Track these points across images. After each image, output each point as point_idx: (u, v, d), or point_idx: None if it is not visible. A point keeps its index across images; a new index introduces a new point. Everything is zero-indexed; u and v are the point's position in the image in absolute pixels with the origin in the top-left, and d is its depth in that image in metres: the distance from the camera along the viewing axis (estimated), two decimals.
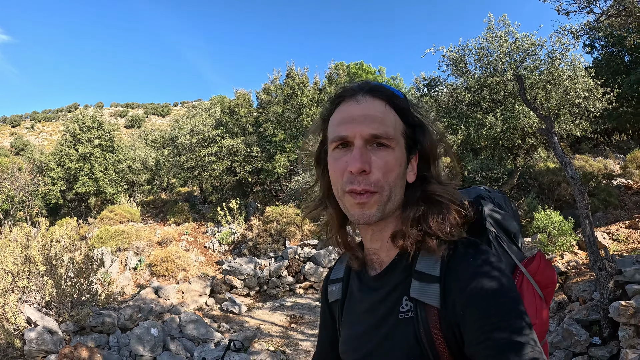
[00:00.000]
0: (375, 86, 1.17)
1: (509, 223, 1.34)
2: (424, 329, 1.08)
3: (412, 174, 1.17)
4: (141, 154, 26.49)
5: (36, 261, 7.36)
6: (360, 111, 1.12)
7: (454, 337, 1.06)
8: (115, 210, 19.65)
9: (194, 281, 10.19)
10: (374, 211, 1.11)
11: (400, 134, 1.14)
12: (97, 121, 23.34)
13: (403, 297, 1.15)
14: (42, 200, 22.94)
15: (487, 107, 13.89)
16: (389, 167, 1.10)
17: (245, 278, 10.54)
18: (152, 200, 25.49)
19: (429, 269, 1.12)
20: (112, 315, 7.66)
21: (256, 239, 13.34)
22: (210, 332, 7.72)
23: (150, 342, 6.77)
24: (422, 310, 1.10)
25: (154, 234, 17.42)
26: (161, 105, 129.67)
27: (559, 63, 12.80)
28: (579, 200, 7.12)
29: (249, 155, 19.82)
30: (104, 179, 22.33)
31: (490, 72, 13.59)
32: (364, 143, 1.10)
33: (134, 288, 12.62)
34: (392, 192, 1.12)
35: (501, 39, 13.14)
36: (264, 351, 6.88)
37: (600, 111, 13.36)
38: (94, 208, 23.83)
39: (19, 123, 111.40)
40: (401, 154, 1.13)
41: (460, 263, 1.09)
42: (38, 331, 6.55)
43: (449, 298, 1.07)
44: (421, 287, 1.11)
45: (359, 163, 1.07)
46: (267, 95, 20.12)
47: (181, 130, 21.35)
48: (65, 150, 22.20)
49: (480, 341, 0.97)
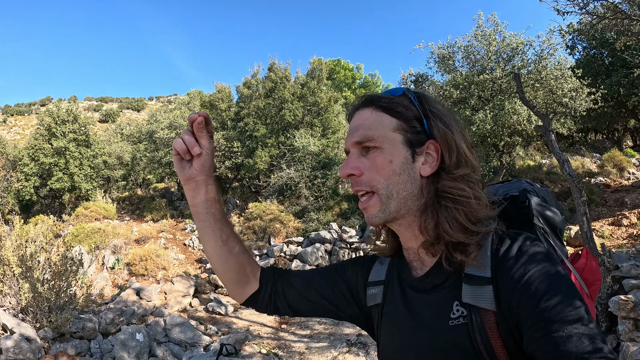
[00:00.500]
0: (364, 97, 1.23)
1: (555, 218, 1.31)
2: (480, 335, 1.04)
3: (428, 167, 1.14)
4: (117, 148, 25.94)
5: (10, 263, 6.98)
6: (352, 124, 1.21)
7: (512, 338, 1.02)
8: (91, 207, 19.16)
9: (176, 281, 9.86)
10: (375, 212, 1.14)
11: (389, 131, 1.14)
12: (73, 114, 22.74)
13: (454, 303, 1.10)
14: (14, 197, 22.29)
15: (475, 104, 13.98)
16: (377, 166, 1.13)
17: None
18: (127, 197, 25.00)
19: (479, 270, 1.08)
20: (93, 320, 7.32)
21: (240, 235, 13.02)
22: (197, 335, 7.43)
23: (136, 348, 6.46)
24: (476, 316, 1.05)
25: (131, 232, 17.02)
26: (136, 100, 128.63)
27: (547, 63, 13.03)
28: (577, 197, 7.29)
29: (229, 151, 19.45)
30: (79, 175, 21.72)
31: (478, 70, 13.80)
32: (356, 151, 1.18)
33: (112, 289, 12.25)
34: (390, 190, 1.12)
35: (490, 37, 13.32)
36: (256, 354, 6.63)
37: (585, 111, 13.68)
38: (68, 205, 23.26)
39: None
40: (394, 150, 1.13)
41: (508, 259, 1.05)
42: (15, 339, 6.18)
43: (504, 298, 1.02)
44: (474, 291, 1.07)
45: (343, 168, 1.17)
46: (247, 89, 19.86)
47: (159, 125, 20.92)
48: (40, 145, 21.53)
49: (538, 338, 0.92)
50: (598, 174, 16.88)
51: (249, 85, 20.03)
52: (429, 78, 15.68)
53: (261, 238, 12.64)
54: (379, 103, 1.17)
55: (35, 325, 7.01)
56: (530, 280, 0.98)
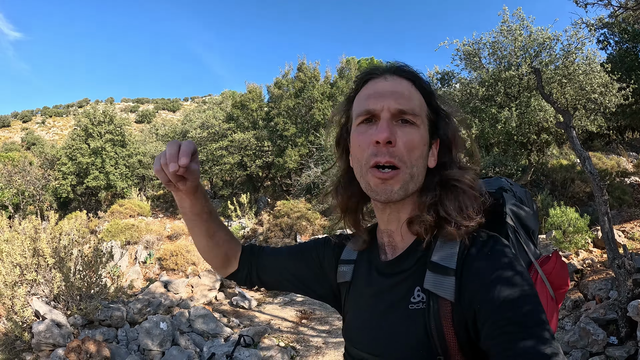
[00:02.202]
0: (404, 66, 1.20)
1: (529, 219, 1.33)
2: (435, 322, 1.06)
3: (433, 159, 1.18)
4: (152, 148, 26.42)
5: (45, 254, 7.29)
6: (388, 87, 1.14)
7: (465, 331, 1.04)
8: (125, 204, 19.63)
9: (203, 275, 10.09)
10: (397, 188, 1.11)
11: (425, 116, 1.15)
12: (109, 115, 23.33)
13: (415, 288, 1.13)
14: (52, 195, 22.96)
15: (502, 101, 13.72)
16: (414, 144, 1.11)
17: None
18: (162, 195, 25.45)
19: (445, 260, 1.10)
20: (121, 309, 7.58)
21: (267, 233, 13.21)
22: (219, 326, 7.62)
23: (159, 337, 6.68)
24: (434, 303, 1.08)
25: (163, 228, 17.39)
26: (171, 101, 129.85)
27: (575, 57, 12.63)
28: (598, 196, 7.02)
29: (260, 150, 19.66)
30: (115, 173, 22.31)
31: (504, 66, 13.44)
32: (390, 117, 1.11)
33: (143, 282, 12.59)
34: (414, 170, 1.12)
35: (516, 32, 12.95)
36: (274, 347, 6.78)
37: (615, 107, 13.20)
38: (104, 202, 23.85)
39: (30, 118, 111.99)
40: (425, 134, 1.14)
41: (479, 257, 1.07)
42: (46, 324, 6.48)
43: (466, 293, 1.04)
44: (436, 279, 1.09)
45: (386, 132, 1.08)
46: (278, 89, 19.99)
47: (192, 124, 21.26)
48: (77, 145, 22.22)
49: (495, 337, 0.95)
50: (634, 174, 16.19)
51: (279, 85, 20.14)
52: (455, 75, 15.31)
53: (287, 235, 12.75)
54: (421, 84, 1.18)
55: (66, 313, 7.32)
56: (495, 281, 1.00)
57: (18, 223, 8.04)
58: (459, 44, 13.89)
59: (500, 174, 14.15)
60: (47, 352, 6.53)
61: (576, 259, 9.32)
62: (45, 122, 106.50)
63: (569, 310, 7.82)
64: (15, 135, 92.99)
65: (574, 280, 8.82)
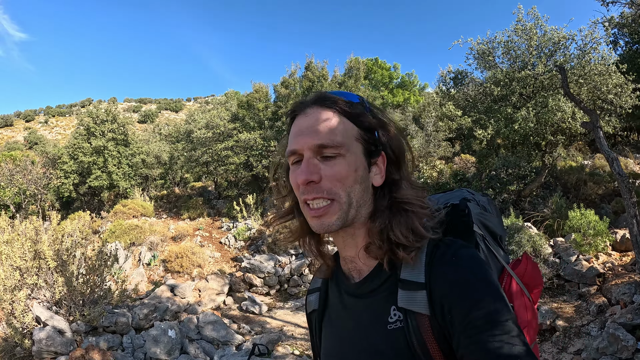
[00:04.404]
0: (324, 96, 1.16)
1: (495, 225, 1.36)
2: (416, 339, 1.05)
3: (379, 177, 1.15)
4: (155, 148, 26.21)
5: (46, 257, 7.00)
6: (307, 123, 1.12)
7: (447, 343, 1.02)
8: (129, 204, 19.36)
9: (211, 279, 9.80)
10: (333, 220, 1.10)
11: (353, 140, 1.11)
12: (111, 114, 23.09)
13: (391, 307, 1.11)
14: (54, 194, 22.73)
15: (517, 101, 13.67)
16: (340, 175, 1.08)
17: (266, 276, 10.16)
18: (165, 195, 25.19)
19: (413, 276, 1.09)
20: (126, 315, 7.28)
21: (275, 235, 12.96)
22: (230, 333, 7.32)
23: (168, 345, 6.38)
24: (412, 320, 1.06)
25: (167, 229, 17.11)
26: (174, 101, 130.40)
27: (590, 58, 12.54)
28: (627, 197, 6.99)
29: (266, 150, 19.35)
30: (118, 173, 22.04)
31: (518, 66, 13.37)
32: (312, 154, 1.09)
33: (147, 284, 12.29)
34: (351, 199, 1.10)
35: (531, 31, 12.87)
36: (289, 355, 6.50)
37: (631, 108, 13.15)
38: (107, 202, 23.61)
39: (33, 118, 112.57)
40: (355, 159, 1.11)
41: (442, 265, 1.06)
42: (47, 331, 6.20)
43: (437, 303, 1.03)
44: (408, 296, 1.08)
45: (304, 174, 1.08)
46: (285, 88, 19.67)
47: (196, 124, 21.00)
48: (79, 144, 21.94)
49: (467, 344, 0.94)
50: None
51: (286, 85, 19.84)
52: (469, 75, 15.34)
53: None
54: (343, 107, 1.12)
55: (69, 319, 7.02)
56: (461, 287, 1.00)
57: (19, 223, 7.75)
58: (473, 43, 13.82)
59: (513, 175, 14.03)
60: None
61: (596, 263, 9.20)
62: (48, 121, 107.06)
63: (593, 315, 7.83)
64: (18, 134, 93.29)
65: (597, 284, 8.67)
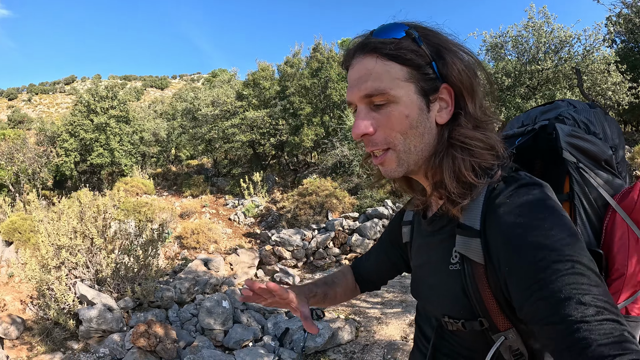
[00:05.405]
0: (364, 42, 1.08)
1: (596, 147, 1.17)
2: (471, 285, 1.03)
3: (445, 113, 1.07)
4: (153, 125, 26.02)
5: (92, 234, 7.04)
6: (353, 75, 1.09)
7: (504, 295, 0.99)
8: (130, 182, 19.25)
9: (242, 252, 9.94)
10: (394, 167, 1.09)
11: (402, 81, 1.03)
12: (112, 91, 22.78)
13: (453, 248, 1.10)
14: (54, 172, 22.37)
15: (525, 92, 14.36)
16: (394, 122, 1.04)
17: (294, 249, 10.34)
18: (161, 173, 25.11)
19: (470, 220, 1.04)
20: (171, 289, 7.39)
21: (295, 210, 13.09)
22: None
23: (222, 315, 6.51)
24: (468, 266, 1.04)
25: (172, 206, 17.12)
26: (159, 78, 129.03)
27: (593, 57, 13.31)
28: None
29: (274, 128, 19.38)
30: (119, 150, 21.83)
31: (526, 60, 14.10)
32: (364, 106, 1.07)
33: (164, 260, 12.37)
34: (408, 144, 1.06)
35: (540, 29, 13.58)
36: (337, 319, 6.67)
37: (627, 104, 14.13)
38: (105, 180, 23.38)
39: (16, 96, 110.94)
40: (409, 102, 1.04)
41: (496, 210, 0.99)
42: (98, 309, 6.25)
43: (492, 253, 0.98)
44: (464, 242, 1.05)
45: (357, 129, 1.07)
46: (290, 68, 19.64)
47: (201, 102, 20.87)
48: (79, 121, 21.61)
49: (532, 302, 0.85)
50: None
51: (291, 64, 19.77)
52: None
53: (318, 213, 12.64)
54: (384, 50, 1.04)
55: (113, 296, 7.08)
56: (518, 235, 0.91)
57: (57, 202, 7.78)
58: (486, 36, 14.64)
59: None
60: (97, 339, 6.29)
61: None
62: (31, 99, 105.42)
63: None
64: (1, 113, 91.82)
65: None
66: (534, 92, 14.14)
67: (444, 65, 1.03)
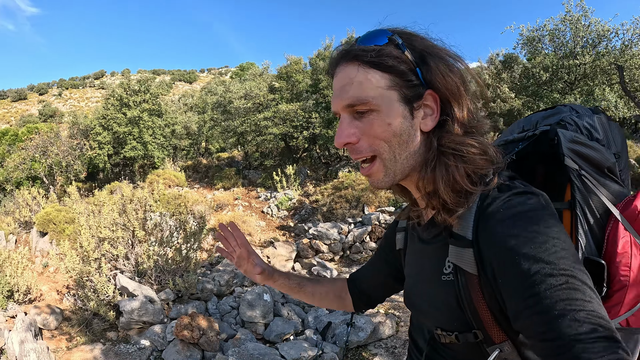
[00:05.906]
0: (346, 50, 1.07)
1: (599, 154, 1.14)
2: (465, 297, 1.00)
3: (430, 120, 1.04)
4: (184, 118, 26.18)
5: (134, 227, 7.07)
6: (336, 83, 1.07)
7: (499, 306, 0.96)
8: (162, 174, 19.36)
9: (279, 245, 9.91)
10: (380, 177, 1.07)
11: (385, 89, 1.01)
12: (145, 85, 22.95)
13: (446, 258, 1.07)
14: (87, 165, 22.66)
15: (562, 88, 14.21)
16: (377, 130, 1.02)
17: (331, 243, 10.29)
18: (192, 166, 25.24)
19: (462, 229, 1.01)
20: (211, 282, 7.39)
21: (330, 204, 13.07)
22: None
23: (263, 308, 6.51)
24: (462, 276, 1.01)
25: (204, 199, 17.16)
26: (188, 72, 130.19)
27: (632, 53, 12.94)
28: None
29: (307, 121, 19.30)
30: (152, 143, 22.01)
31: (563, 54, 13.92)
32: (347, 114, 1.05)
33: (199, 253, 12.40)
34: (393, 152, 1.03)
35: (578, 22, 13.31)
36: (378, 314, 6.64)
37: None
38: (137, 172, 23.61)
39: (46, 91, 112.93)
40: (391, 110, 1.01)
41: (488, 219, 0.96)
42: (140, 301, 6.28)
43: (486, 264, 0.95)
44: (457, 252, 1.01)
45: (339, 138, 1.05)
46: (322, 61, 19.49)
47: (233, 95, 20.87)
48: (112, 114, 21.83)
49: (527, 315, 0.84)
50: None
51: (322, 58, 19.63)
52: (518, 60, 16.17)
53: (354, 207, 12.61)
54: (365, 58, 1.01)
55: (154, 288, 7.10)
56: (511, 246, 0.88)
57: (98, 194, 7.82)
58: (523, 29, 14.29)
59: None
60: (137, 331, 6.31)
61: None
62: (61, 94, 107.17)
63: None
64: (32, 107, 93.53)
65: None
66: (571, 88, 14.01)
67: (428, 70, 1.01)
